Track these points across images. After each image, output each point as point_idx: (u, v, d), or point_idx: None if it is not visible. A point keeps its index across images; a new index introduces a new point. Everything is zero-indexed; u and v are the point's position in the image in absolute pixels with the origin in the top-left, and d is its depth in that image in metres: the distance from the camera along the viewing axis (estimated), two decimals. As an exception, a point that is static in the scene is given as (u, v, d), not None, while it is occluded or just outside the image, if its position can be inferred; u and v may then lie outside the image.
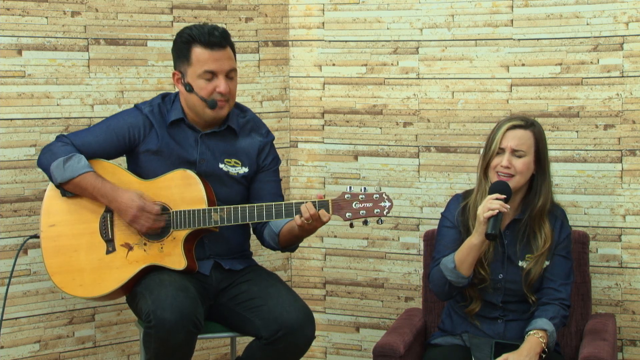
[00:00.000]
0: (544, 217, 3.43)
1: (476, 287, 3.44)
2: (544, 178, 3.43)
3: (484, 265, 3.41)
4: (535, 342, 3.31)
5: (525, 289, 3.42)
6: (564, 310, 3.42)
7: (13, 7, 3.78)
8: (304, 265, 4.40)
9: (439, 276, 3.41)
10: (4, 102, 3.78)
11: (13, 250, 3.79)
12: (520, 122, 3.42)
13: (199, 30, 3.47)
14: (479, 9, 4.02)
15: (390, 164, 4.22)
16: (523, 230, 3.45)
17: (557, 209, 3.51)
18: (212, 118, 3.52)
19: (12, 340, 3.84)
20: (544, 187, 3.43)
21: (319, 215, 3.36)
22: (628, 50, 3.81)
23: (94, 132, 3.56)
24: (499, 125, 3.43)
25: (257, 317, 3.40)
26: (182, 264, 3.44)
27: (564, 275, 3.44)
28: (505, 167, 3.37)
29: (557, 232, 3.46)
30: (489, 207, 3.28)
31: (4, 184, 3.80)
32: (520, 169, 3.38)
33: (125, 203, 3.43)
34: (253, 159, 3.61)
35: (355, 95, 4.26)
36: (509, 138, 3.39)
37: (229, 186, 3.57)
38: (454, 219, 3.50)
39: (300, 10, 4.32)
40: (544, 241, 3.42)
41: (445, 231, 3.52)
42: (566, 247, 3.47)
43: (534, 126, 3.43)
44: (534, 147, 3.40)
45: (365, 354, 4.30)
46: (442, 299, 3.52)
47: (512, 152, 3.38)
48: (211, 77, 3.47)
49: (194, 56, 3.46)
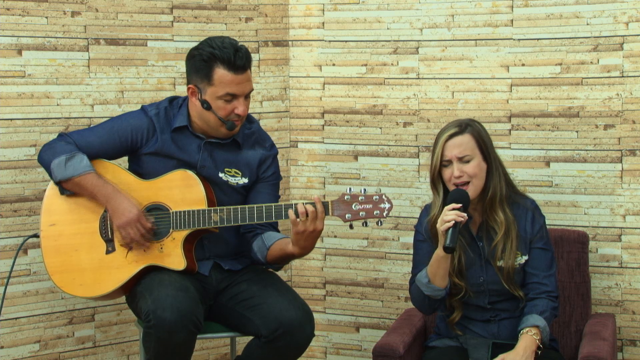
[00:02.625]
0: (495, 207, 3.40)
1: (455, 296, 3.44)
2: (492, 170, 3.41)
3: (455, 274, 3.40)
4: (529, 341, 3.30)
5: (507, 286, 3.41)
6: (553, 302, 3.41)
7: (13, 7, 3.78)
8: (304, 265, 4.40)
9: (417, 292, 3.43)
10: (4, 102, 3.78)
11: (13, 250, 3.79)
12: (455, 130, 3.38)
13: (222, 50, 3.41)
14: (479, 9, 4.02)
15: (390, 164, 4.22)
16: (486, 229, 3.44)
17: (526, 201, 3.48)
18: (225, 136, 3.53)
19: (12, 340, 3.84)
20: (492, 178, 3.40)
21: (316, 211, 3.33)
22: (628, 50, 3.81)
23: (96, 132, 3.56)
24: (437, 138, 3.40)
25: (257, 316, 3.41)
26: (181, 264, 3.44)
27: (545, 267, 3.43)
28: (458, 176, 3.36)
29: (529, 224, 3.44)
30: (444, 220, 3.27)
31: (4, 184, 3.80)
32: (473, 172, 3.36)
33: (121, 209, 3.43)
34: (253, 170, 3.60)
35: (355, 95, 4.26)
36: (450, 148, 3.36)
37: (228, 195, 3.57)
38: (424, 232, 3.50)
39: (300, 10, 4.32)
40: (499, 225, 3.40)
41: (419, 245, 3.52)
42: (542, 237, 3.45)
43: (469, 127, 3.39)
44: (478, 147, 3.38)
45: (365, 354, 4.30)
46: (427, 313, 3.54)
47: (458, 161, 3.36)
48: (231, 99, 3.45)
49: (216, 77, 3.42)
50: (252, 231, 3.57)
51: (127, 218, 3.41)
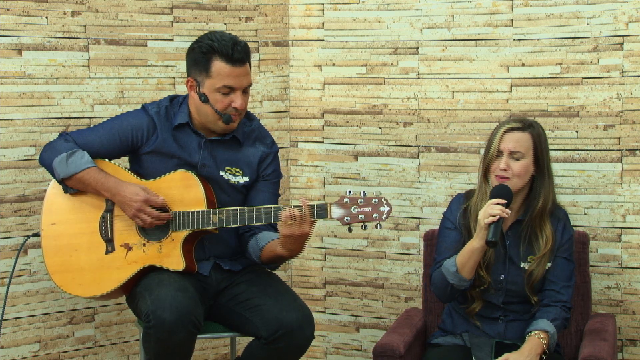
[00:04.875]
0: (544, 219, 3.43)
1: (477, 288, 3.44)
2: (543, 179, 3.43)
3: (483, 268, 3.40)
4: (536, 343, 3.30)
5: (528, 290, 3.42)
6: (566, 313, 3.42)
7: (13, 7, 3.78)
8: (304, 265, 4.40)
9: (440, 279, 3.41)
10: (4, 102, 3.78)
11: (13, 250, 3.79)
12: (517, 125, 3.41)
13: (221, 43, 3.42)
14: (479, 9, 4.02)
15: (390, 164, 4.22)
16: (525, 231, 3.44)
17: (560, 211, 3.50)
18: (223, 130, 3.52)
19: (12, 340, 3.84)
20: (542, 188, 3.42)
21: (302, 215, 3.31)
22: (628, 50, 3.80)
23: (97, 131, 3.56)
24: (497, 128, 3.43)
25: (257, 317, 3.40)
26: (180, 265, 3.44)
27: (565, 277, 3.44)
28: (503, 169, 3.37)
29: (559, 234, 3.45)
30: (490, 213, 3.27)
31: (4, 184, 3.80)
32: (518, 171, 3.37)
33: (128, 197, 3.42)
34: (254, 169, 3.60)
35: (355, 95, 4.26)
36: (506, 141, 3.38)
37: (229, 194, 3.57)
38: (455, 221, 3.49)
39: (300, 10, 4.32)
40: (545, 242, 3.42)
41: (446, 232, 3.51)
42: (568, 249, 3.47)
43: (532, 127, 3.41)
44: (532, 149, 3.39)
45: (365, 354, 4.30)
46: (444, 301, 3.52)
47: (509, 155, 3.38)
48: (228, 92, 3.45)
49: (214, 69, 3.43)
50: (249, 231, 3.57)
51: (138, 204, 3.40)
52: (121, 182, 3.46)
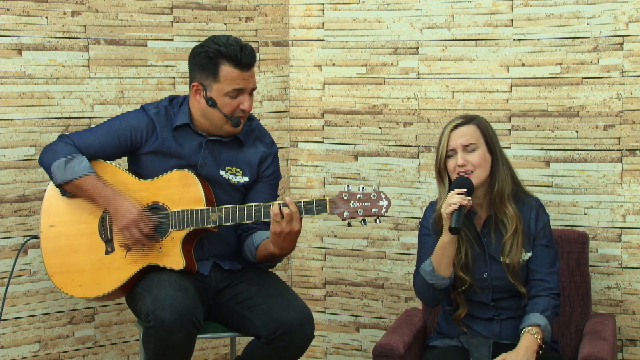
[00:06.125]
0: (504, 201, 3.43)
1: (459, 289, 3.44)
2: (498, 165, 3.44)
3: (461, 268, 3.41)
4: (531, 340, 3.31)
5: (513, 280, 3.42)
6: (555, 300, 3.41)
7: (13, 7, 3.78)
8: (304, 265, 4.40)
9: (421, 282, 3.43)
10: (4, 102, 3.78)
11: (13, 250, 3.79)
12: (461, 120, 3.44)
13: (228, 47, 3.43)
14: (479, 9, 4.02)
15: (390, 164, 4.22)
16: (494, 223, 3.45)
17: (531, 199, 3.50)
18: (229, 133, 3.53)
19: (12, 340, 3.84)
20: (498, 174, 3.43)
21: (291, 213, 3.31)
22: (628, 50, 3.80)
23: (96, 133, 3.56)
24: (443, 130, 3.45)
25: (256, 317, 3.41)
26: (180, 264, 3.44)
27: (548, 264, 3.45)
28: (462, 165, 3.38)
29: (533, 222, 3.46)
30: (449, 203, 3.30)
31: (4, 184, 3.80)
32: (477, 161, 3.39)
33: (122, 211, 3.43)
34: (254, 169, 3.61)
35: (355, 95, 4.26)
36: (455, 137, 3.40)
37: (229, 193, 3.57)
38: (430, 227, 3.51)
39: (300, 10, 4.32)
40: (510, 221, 3.42)
41: (424, 239, 3.53)
42: (546, 235, 3.47)
43: (475, 119, 3.45)
44: (483, 138, 3.42)
45: (365, 354, 4.30)
46: (430, 305, 3.54)
47: (464, 149, 3.39)
48: (236, 95, 3.46)
49: (222, 74, 3.44)
50: (247, 230, 3.57)
51: (129, 220, 3.41)
52: (118, 194, 3.46)
